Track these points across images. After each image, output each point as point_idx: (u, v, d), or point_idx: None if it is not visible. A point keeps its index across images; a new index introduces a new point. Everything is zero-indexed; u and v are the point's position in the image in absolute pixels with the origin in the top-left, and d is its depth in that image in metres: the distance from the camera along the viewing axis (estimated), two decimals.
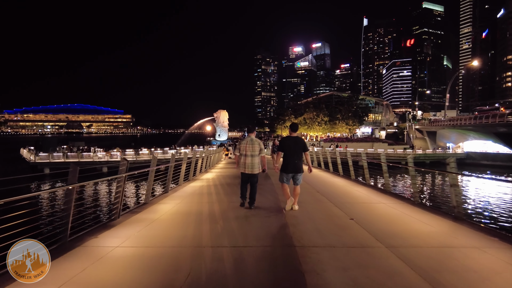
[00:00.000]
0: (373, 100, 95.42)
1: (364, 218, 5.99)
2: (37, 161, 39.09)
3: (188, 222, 5.83)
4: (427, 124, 67.32)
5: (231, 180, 12.28)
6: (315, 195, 8.70)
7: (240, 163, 7.01)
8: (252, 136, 7.19)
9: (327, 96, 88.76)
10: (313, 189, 9.73)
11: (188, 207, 7.11)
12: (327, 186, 10.48)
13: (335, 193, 9.07)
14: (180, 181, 10.93)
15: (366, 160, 11.14)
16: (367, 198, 8.37)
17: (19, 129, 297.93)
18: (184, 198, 8.29)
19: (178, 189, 10.03)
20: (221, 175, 14.59)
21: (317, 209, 6.83)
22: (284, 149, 6.72)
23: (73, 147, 48.38)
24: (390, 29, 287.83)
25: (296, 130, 6.98)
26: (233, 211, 6.69)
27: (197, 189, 9.93)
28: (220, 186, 10.57)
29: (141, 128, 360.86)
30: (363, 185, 10.78)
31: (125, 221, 5.80)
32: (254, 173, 6.97)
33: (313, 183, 11.22)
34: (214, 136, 72.12)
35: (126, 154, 42.33)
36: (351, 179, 12.53)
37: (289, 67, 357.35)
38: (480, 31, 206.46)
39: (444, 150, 54.38)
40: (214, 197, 8.39)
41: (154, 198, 8.14)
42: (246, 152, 6.93)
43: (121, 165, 5.86)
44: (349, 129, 67.78)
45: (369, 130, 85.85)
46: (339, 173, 14.22)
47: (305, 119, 65.34)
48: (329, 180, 12.17)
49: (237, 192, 8.03)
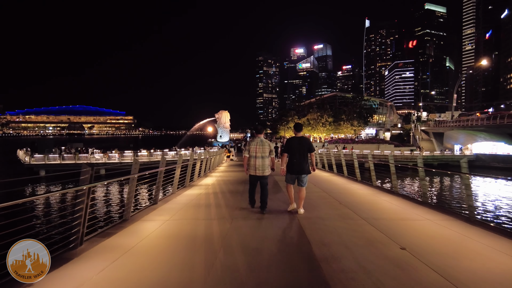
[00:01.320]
0: (377, 101, 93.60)
1: (418, 245, 4.33)
2: (32, 162, 37.95)
3: (176, 252, 4.18)
4: (433, 125, 65.81)
5: (233, 187, 10.64)
6: (339, 207, 7.05)
7: (250, 165, 6.77)
8: (261, 137, 6.91)
9: (330, 97, 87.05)
10: (333, 199, 8.10)
11: (179, 227, 5.46)
12: (348, 195, 8.81)
13: (362, 204, 7.40)
14: (174, 188, 9.25)
15: (394, 163, 9.45)
16: (403, 212, 6.71)
17: (21, 130, 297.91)
18: (175, 212, 6.64)
19: (171, 198, 8.39)
20: (223, 180, 12.95)
21: (348, 229, 5.15)
22: (289, 150, 6.60)
23: (71, 148, 47.02)
24: (392, 31, 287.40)
25: (301, 130, 6.83)
26: (239, 233, 5.08)
27: (193, 199, 8.29)
28: (221, 195, 8.90)
29: (142, 130, 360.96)
30: (389, 193, 9.12)
31: (88, 251, 4.15)
32: (265, 175, 6.75)
33: (330, 190, 9.61)
34: (216, 138, 70.47)
35: (124, 156, 40.94)
36: (372, 185, 10.87)
37: (290, 68, 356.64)
38: (483, 32, 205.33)
39: (452, 152, 52.69)
40: (213, 211, 6.74)
41: (138, 213, 6.48)
42: (256, 153, 6.71)
43: (83, 173, 4.19)
44: (354, 130, 66.05)
45: (373, 131, 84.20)
46: (356, 178, 12.55)
47: (309, 120, 63.62)
48: (347, 187, 10.49)
49: (241, 204, 7.31)
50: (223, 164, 25.65)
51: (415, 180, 31.57)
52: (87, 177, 4.17)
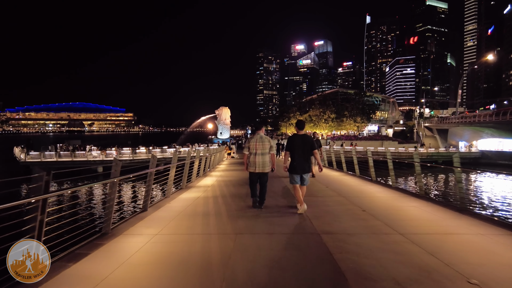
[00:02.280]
0: (379, 97, 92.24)
1: (489, 277, 3.18)
2: (27, 160, 37.00)
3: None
4: (437, 122, 64.56)
5: (235, 189, 9.48)
6: (364, 217, 5.86)
7: (250, 162, 6.64)
8: (261, 133, 6.78)
9: (332, 93, 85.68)
10: (353, 205, 6.93)
11: (169, 246, 4.29)
12: (368, 200, 7.62)
13: (388, 212, 6.20)
14: (168, 191, 8.08)
15: (419, 161, 8.25)
16: (443, 223, 5.49)
17: (21, 127, 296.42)
18: (167, 223, 5.48)
19: (164, 203, 7.23)
20: (223, 181, 11.78)
21: (387, 252, 3.95)
22: (291, 149, 6.40)
23: (68, 145, 45.89)
24: (393, 27, 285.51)
25: (303, 127, 6.64)
26: (245, 257, 3.89)
27: (189, 205, 7.14)
28: (221, 200, 7.73)
29: (143, 127, 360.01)
30: (413, 197, 7.91)
31: (46, 284, 3.02)
32: (265, 172, 6.67)
33: (346, 194, 8.44)
34: (216, 134, 69.20)
35: (122, 153, 39.87)
36: (390, 187, 9.66)
37: (291, 65, 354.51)
38: (485, 28, 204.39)
39: (457, 149, 51.59)
40: (213, 223, 5.58)
41: (121, 224, 5.32)
42: (256, 150, 6.58)
43: (35, 179, 3.03)
44: (357, 126, 64.82)
45: (375, 128, 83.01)
46: (371, 178, 11.38)
47: (311, 116, 62.30)
48: (364, 190, 9.26)
49: (246, 213, 6.35)
50: (224, 162, 24.48)
51: (431, 180, 30.35)
52: (39, 186, 3.02)
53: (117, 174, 4.80)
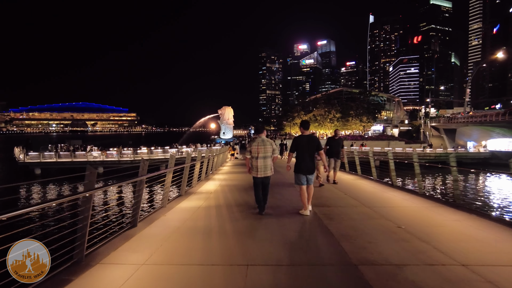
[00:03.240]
0: (384, 96, 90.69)
1: None
2: (26, 161, 36.26)
3: None
4: (444, 121, 63.17)
5: (241, 196, 8.35)
6: (403, 236, 4.68)
7: (253, 166, 6.45)
8: (263, 136, 6.56)
9: (336, 92, 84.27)
10: (385, 220, 5.72)
11: (160, 284, 3.23)
12: (398, 211, 6.44)
13: (430, 230, 5.06)
14: (164, 200, 6.95)
15: (455, 165, 7.08)
16: (506, 246, 4.36)
17: (25, 127, 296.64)
18: (160, 244, 4.36)
19: (158, 215, 6.11)
20: (227, 186, 10.65)
21: None
22: (297, 149, 6.39)
23: (69, 145, 45.06)
24: (397, 26, 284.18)
25: (308, 128, 6.64)
26: None
27: (188, 218, 6.02)
28: (226, 211, 6.60)
29: (145, 127, 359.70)
30: (450, 207, 6.73)
31: None
32: (267, 176, 6.47)
33: (369, 203, 7.26)
34: (219, 134, 68.14)
35: (123, 154, 38.94)
36: (417, 193, 8.48)
37: (294, 64, 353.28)
38: (490, 27, 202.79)
39: (465, 149, 50.26)
40: (216, 246, 4.45)
41: (101, 247, 4.22)
42: (258, 154, 6.35)
43: None
44: (363, 126, 63.47)
45: (380, 128, 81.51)
46: (392, 183, 10.21)
47: (315, 116, 60.98)
48: (388, 198, 8.05)
49: (257, 228, 5.39)
50: (227, 163, 23.29)
51: (448, 182, 28.81)
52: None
53: (92, 186, 3.68)
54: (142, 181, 5.23)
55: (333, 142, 10.67)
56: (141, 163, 5.09)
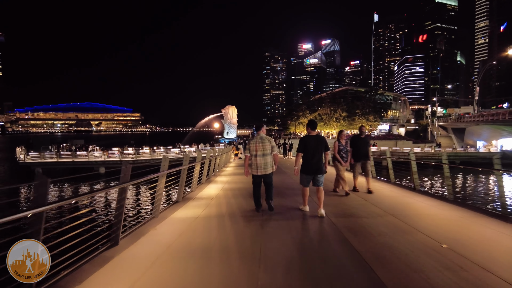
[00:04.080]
0: (391, 95, 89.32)
1: None
2: (27, 161, 35.87)
3: None
4: (452, 120, 61.88)
5: (247, 203, 7.27)
6: (465, 266, 3.53)
7: (252, 164, 6.39)
8: (262, 133, 6.51)
9: (342, 91, 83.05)
10: (423, 236, 4.63)
11: None
12: (432, 221, 5.46)
13: (486, 249, 4.09)
14: (156, 209, 5.93)
15: (500, 169, 6.06)
16: None
17: (30, 127, 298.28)
18: (143, 272, 3.40)
19: (147, 228, 5.11)
20: (231, 189, 9.63)
21: None
22: (304, 149, 6.15)
23: (71, 145, 44.52)
24: (402, 25, 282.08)
25: (315, 127, 6.39)
26: None
27: (183, 232, 5.01)
28: (229, 222, 5.59)
29: (149, 127, 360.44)
30: (491, 217, 5.70)
31: None
32: (268, 173, 6.36)
33: (395, 210, 6.22)
34: (222, 134, 67.25)
35: (125, 154, 38.13)
36: (444, 199, 7.47)
37: (298, 64, 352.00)
38: (497, 25, 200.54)
39: (474, 148, 49.00)
40: (217, 272, 3.46)
41: (71, 273, 3.27)
42: (256, 151, 6.30)
43: None
44: (370, 125, 62.22)
45: (386, 127, 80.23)
46: (414, 186, 9.17)
47: (321, 115, 59.84)
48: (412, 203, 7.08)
49: (267, 254, 4.03)
50: (231, 163, 22.30)
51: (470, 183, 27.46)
52: None
53: (42, 205, 2.72)
54: (124, 190, 4.25)
55: (360, 142, 8.81)
56: (123, 167, 4.11)
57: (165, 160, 5.79)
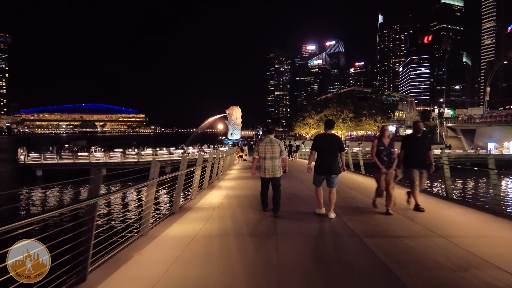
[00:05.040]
0: (397, 96, 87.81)
1: None
2: (27, 162, 35.11)
3: None
4: (461, 122, 60.31)
5: (256, 215, 6.21)
6: None
7: (260, 166, 6.31)
8: (271, 136, 6.38)
9: (348, 92, 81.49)
10: (497, 271, 3.44)
11: None
12: (492, 245, 4.30)
13: None
14: (144, 227, 4.70)
15: None
16: None
17: (35, 128, 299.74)
18: None
19: (129, 254, 3.93)
20: (236, 196, 8.53)
21: None
22: (318, 148, 5.98)
23: (73, 146, 43.82)
24: (407, 26, 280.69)
25: (332, 127, 6.11)
26: None
27: (176, 259, 3.84)
28: (235, 242, 4.43)
29: (154, 128, 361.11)
30: None
31: None
32: (276, 177, 6.23)
33: (437, 227, 5.01)
34: (226, 135, 66.26)
35: (127, 155, 37.22)
36: (491, 212, 6.20)
37: (302, 65, 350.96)
38: (505, 25, 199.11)
39: (486, 150, 47.51)
40: None
41: None
42: (265, 154, 6.19)
43: None
44: (378, 126, 60.78)
45: (393, 128, 78.70)
46: (446, 195, 7.93)
47: (326, 116, 58.49)
48: (452, 217, 5.93)
49: None
50: (235, 166, 21.18)
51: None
52: None
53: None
54: (93, 207, 3.10)
55: (415, 143, 6.61)
56: (92, 176, 2.97)
57: (155, 166, 4.60)
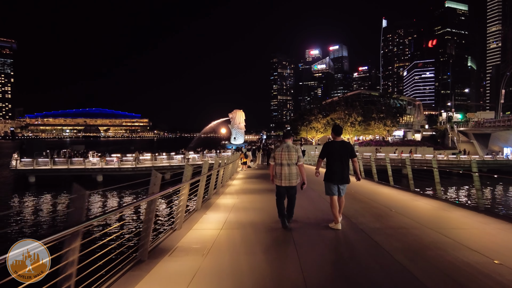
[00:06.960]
0: (405, 99, 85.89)
1: None
2: (19, 167, 33.02)
3: None
4: (473, 126, 58.12)
5: (269, 264, 4.02)
6: None
7: (276, 174, 5.95)
8: (289, 142, 6.09)
9: (354, 95, 79.52)
10: None
11: None
12: None
13: None
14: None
15: None
16: None
17: (40, 133, 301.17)
18: None
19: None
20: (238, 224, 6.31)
21: None
22: (328, 156, 5.83)
23: (71, 151, 42.12)
24: (411, 30, 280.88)
25: (341, 133, 6.01)
26: None
27: None
28: None
29: (158, 132, 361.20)
30: None
31: None
32: (292, 185, 5.91)
33: (470, 243, 3.12)
34: (229, 139, 64.45)
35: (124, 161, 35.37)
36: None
37: (305, 70, 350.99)
38: (511, 29, 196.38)
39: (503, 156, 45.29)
40: None
41: None
42: (282, 160, 5.87)
43: None
44: (387, 130, 58.63)
45: (401, 132, 76.67)
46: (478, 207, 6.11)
47: (333, 120, 56.45)
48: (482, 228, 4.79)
49: None
50: (238, 174, 18.53)
51: None
52: None
53: None
54: None
55: None
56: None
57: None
